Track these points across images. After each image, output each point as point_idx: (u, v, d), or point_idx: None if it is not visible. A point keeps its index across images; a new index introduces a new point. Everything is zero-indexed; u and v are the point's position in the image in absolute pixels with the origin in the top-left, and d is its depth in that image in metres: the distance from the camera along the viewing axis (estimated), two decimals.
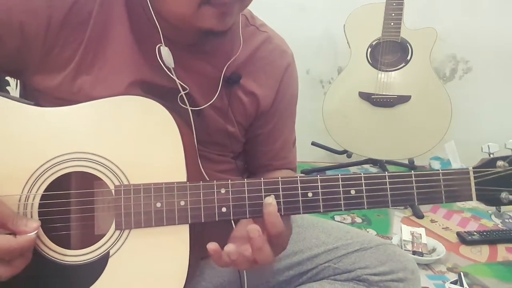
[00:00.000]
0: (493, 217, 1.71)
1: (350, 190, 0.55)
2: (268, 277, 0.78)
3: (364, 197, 0.55)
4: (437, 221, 1.67)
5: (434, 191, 0.55)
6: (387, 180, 0.55)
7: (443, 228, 1.61)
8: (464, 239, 1.49)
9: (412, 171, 0.56)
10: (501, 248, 1.45)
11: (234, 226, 0.67)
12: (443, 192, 0.55)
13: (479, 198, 0.56)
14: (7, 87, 1.25)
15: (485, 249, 1.45)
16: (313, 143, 2.11)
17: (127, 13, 0.63)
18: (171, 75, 0.62)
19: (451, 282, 1.23)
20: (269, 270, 0.62)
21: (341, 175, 0.55)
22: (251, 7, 0.77)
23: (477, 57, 2.08)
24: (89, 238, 0.57)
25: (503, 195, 0.55)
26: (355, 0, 1.77)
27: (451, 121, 1.72)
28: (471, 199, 0.55)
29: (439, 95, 1.73)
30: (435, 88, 1.74)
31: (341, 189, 0.55)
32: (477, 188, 0.55)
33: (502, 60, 2.05)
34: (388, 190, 0.55)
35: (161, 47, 0.61)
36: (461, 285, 1.22)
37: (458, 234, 1.54)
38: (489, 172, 0.55)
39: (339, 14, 1.83)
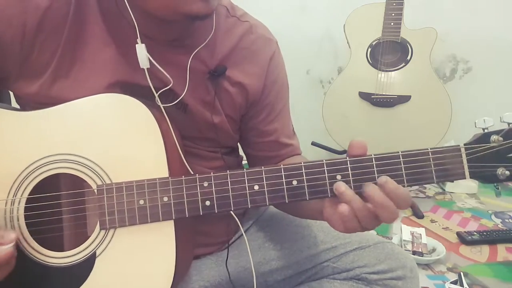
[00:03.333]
0: (493, 217, 1.71)
1: (336, 175, 0.53)
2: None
3: (351, 182, 0.53)
4: (437, 221, 1.67)
5: (424, 170, 0.52)
6: (374, 162, 0.53)
7: (443, 228, 1.61)
8: (464, 239, 1.48)
9: (400, 151, 0.53)
10: (501, 248, 1.45)
11: (236, 218, 0.67)
12: (433, 172, 0.52)
13: (473, 176, 0.52)
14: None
15: (485, 249, 1.45)
16: (313, 143, 2.11)
17: (101, 14, 0.63)
18: (146, 75, 0.60)
19: (451, 282, 1.23)
20: None
21: (325, 160, 0.54)
22: (251, 8, 0.78)
23: (477, 57, 2.08)
24: (75, 239, 0.57)
25: (500, 171, 0.52)
26: (355, 0, 1.77)
27: (451, 121, 1.72)
28: (464, 177, 0.52)
29: (439, 95, 1.73)
30: (435, 88, 1.74)
31: (326, 175, 0.53)
32: (470, 165, 0.52)
33: (502, 60, 2.04)
34: (375, 173, 0.53)
35: (137, 45, 0.60)
36: (461, 285, 1.21)
37: (458, 234, 1.53)
38: (482, 148, 0.52)
39: (339, 14, 1.83)
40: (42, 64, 0.61)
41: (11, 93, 0.68)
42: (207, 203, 0.55)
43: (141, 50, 0.59)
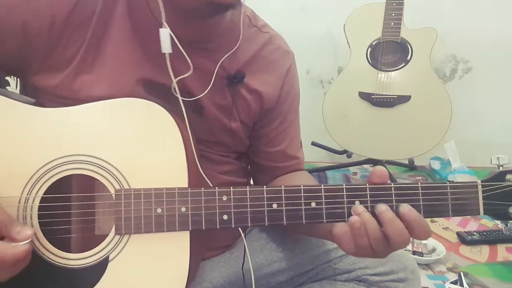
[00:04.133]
0: None
1: (355, 201, 0.54)
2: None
3: (369, 208, 0.54)
4: (437, 221, 1.67)
5: (441, 204, 0.54)
6: (393, 192, 0.54)
7: (443, 228, 1.61)
8: (464, 239, 1.48)
9: (419, 183, 0.54)
10: (501, 248, 1.45)
11: (240, 230, 0.67)
12: (450, 206, 0.54)
13: (486, 212, 0.55)
14: (7, 87, 1.25)
15: (485, 249, 1.45)
16: (313, 143, 2.11)
17: (129, 11, 0.63)
18: (167, 63, 0.59)
19: (451, 282, 1.23)
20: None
21: (345, 185, 0.54)
22: (252, 7, 0.78)
23: (477, 57, 2.08)
24: (89, 242, 0.56)
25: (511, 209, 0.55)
26: (355, 0, 1.77)
27: (451, 121, 1.72)
28: (478, 213, 0.54)
29: (439, 95, 1.73)
30: (435, 88, 1.74)
31: (345, 199, 0.54)
32: (485, 202, 0.54)
33: (502, 60, 2.05)
34: (394, 202, 0.54)
35: (160, 29, 0.58)
36: (461, 285, 1.22)
37: (458, 234, 1.53)
38: (497, 186, 0.54)
39: (339, 14, 1.83)
40: (66, 58, 0.61)
41: (10, 89, 0.67)
42: (225, 217, 0.55)
43: (164, 34, 0.58)
